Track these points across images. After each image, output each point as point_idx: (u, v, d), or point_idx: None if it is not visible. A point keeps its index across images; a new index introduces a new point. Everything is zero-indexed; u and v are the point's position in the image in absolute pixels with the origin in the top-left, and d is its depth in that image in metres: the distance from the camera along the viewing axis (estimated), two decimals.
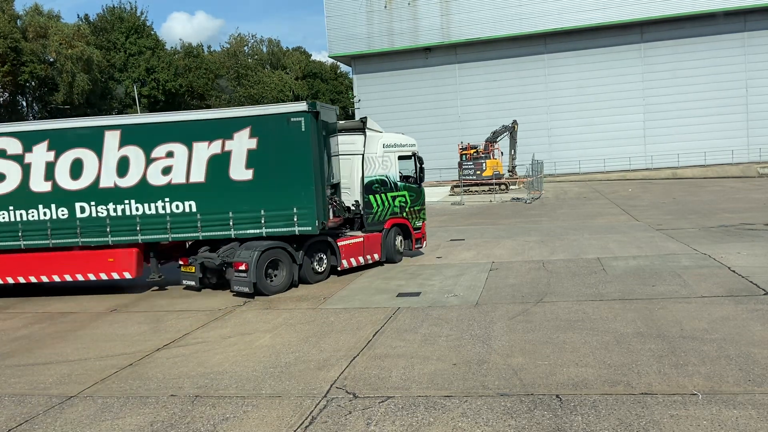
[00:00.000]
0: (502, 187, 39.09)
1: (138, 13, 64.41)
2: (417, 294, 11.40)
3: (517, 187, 41.86)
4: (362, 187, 14.43)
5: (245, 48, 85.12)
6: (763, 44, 48.07)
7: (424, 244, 16.26)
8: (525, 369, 6.99)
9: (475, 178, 40.58)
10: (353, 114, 56.78)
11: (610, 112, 50.47)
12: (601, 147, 50.22)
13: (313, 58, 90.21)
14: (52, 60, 50.47)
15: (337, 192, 13.96)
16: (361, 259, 14.23)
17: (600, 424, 5.48)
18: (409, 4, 53.51)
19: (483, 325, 8.90)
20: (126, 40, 62.06)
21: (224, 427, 5.96)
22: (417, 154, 15.69)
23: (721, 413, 5.57)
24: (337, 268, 13.63)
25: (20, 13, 51.21)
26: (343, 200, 14.26)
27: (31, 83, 52.39)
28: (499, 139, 44.13)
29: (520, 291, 11.07)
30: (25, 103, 57.12)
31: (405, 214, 15.35)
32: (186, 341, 9.15)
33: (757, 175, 43.98)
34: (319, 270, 13.38)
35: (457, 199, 35.82)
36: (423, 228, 16.12)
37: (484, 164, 40.76)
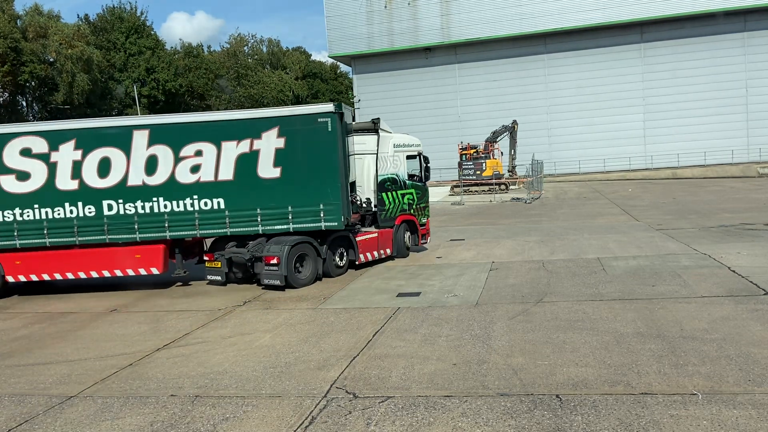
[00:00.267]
0: (502, 187, 39.10)
1: (138, 13, 64.46)
2: (417, 294, 11.41)
3: (517, 187, 41.87)
4: (376, 185, 14.95)
5: (245, 48, 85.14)
6: (763, 44, 48.09)
7: (428, 240, 17.05)
8: (525, 369, 6.99)
9: (475, 178, 40.59)
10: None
11: (610, 112, 50.48)
12: (601, 147, 50.23)
13: (313, 58, 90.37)
14: (52, 60, 50.47)
15: (354, 190, 14.38)
16: (376, 254, 14.85)
17: (600, 424, 5.48)
18: (409, 4, 53.51)
19: (483, 325, 8.90)
20: (126, 40, 62.06)
21: (224, 427, 5.96)
22: (422, 154, 16.41)
23: (721, 413, 5.57)
24: (355, 263, 14.20)
25: (20, 13, 51.21)
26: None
27: (31, 83, 52.38)
28: (499, 139, 44.14)
29: (520, 291, 11.07)
30: (25, 103, 57.11)
31: (412, 211, 16.07)
32: (186, 341, 9.15)
33: (757, 175, 44.00)
34: (340, 264, 13.94)
35: (457, 199, 35.82)
36: (427, 224, 16.92)
37: (484, 164, 40.77)
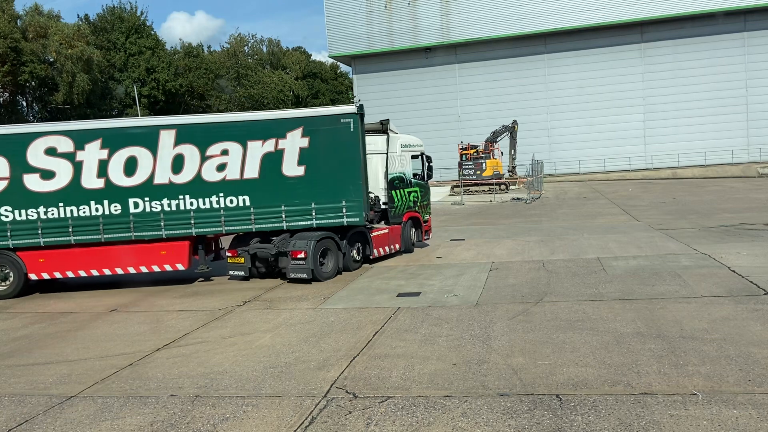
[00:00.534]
0: (502, 187, 39.11)
1: (138, 13, 64.39)
2: (417, 294, 11.41)
3: (517, 187, 41.88)
4: (386, 184, 15.51)
5: (245, 48, 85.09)
6: (763, 44, 48.10)
7: (430, 236, 17.95)
8: (525, 369, 6.99)
9: (475, 178, 40.61)
10: None
11: (610, 112, 50.49)
12: (601, 147, 50.24)
13: (313, 58, 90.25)
14: (52, 60, 50.45)
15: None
16: (387, 249, 15.58)
17: (600, 424, 5.48)
18: (409, 4, 53.53)
19: (483, 325, 8.90)
20: (126, 40, 62.02)
21: (224, 427, 5.96)
22: (424, 153, 17.10)
23: (721, 413, 5.57)
24: (370, 257, 14.93)
25: (20, 13, 51.17)
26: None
27: (31, 83, 52.35)
28: (499, 139, 44.16)
29: (520, 291, 11.07)
30: (25, 103, 57.10)
31: (417, 208, 16.83)
32: (186, 341, 9.15)
33: (757, 175, 44.01)
34: (357, 258, 14.60)
35: (457, 199, 35.83)
36: (429, 221, 17.78)
37: (484, 164, 40.79)
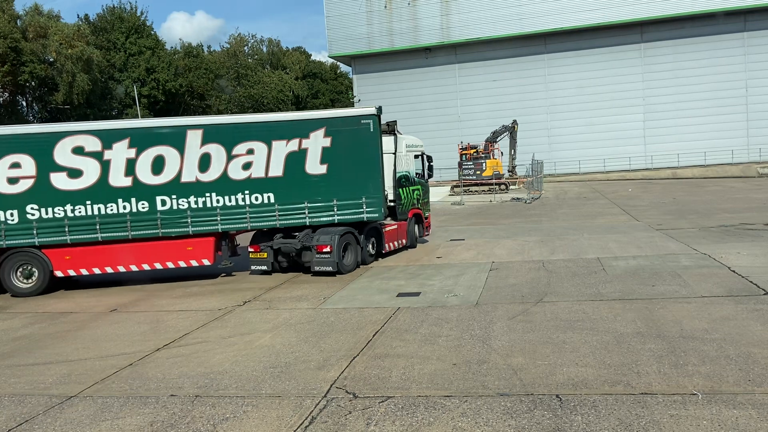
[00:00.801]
0: (502, 187, 39.12)
1: (138, 13, 64.35)
2: (417, 294, 11.41)
3: (517, 187, 41.90)
4: (394, 182, 16.04)
5: (245, 48, 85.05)
6: (763, 44, 48.12)
7: (429, 232, 18.83)
8: (525, 369, 6.99)
9: (475, 178, 40.61)
10: None
11: (610, 112, 50.51)
12: (601, 147, 50.26)
13: (313, 58, 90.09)
14: (52, 60, 50.42)
15: None
16: (396, 244, 16.38)
17: (600, 424, 5.48)
18: (409, 4, 53.54)
19: (483, 325, 8.90)
20: (126, 40, 61.97)
21: (224, 427, 5.96)
22: (425, 153, 17.94)
23: (721, 413, 5.57)
24: (382, 251, 15.72)
25: (20, 13, 51.14)
26: None
27: (31, 83, 52.31)
28: (499, 139, 44.16)
29: (520, 291, 11.07)
30: (24, 103, 57.10)
31: (419, 205, 17.70)
32: (186, 341, 9.15)
33: (757, 175, 44.02)
34: (372, 252, 15.39)
35: (457, 199, 35.83)
36: (429, 218, 18.70)
37: (484, 164, 40.80)
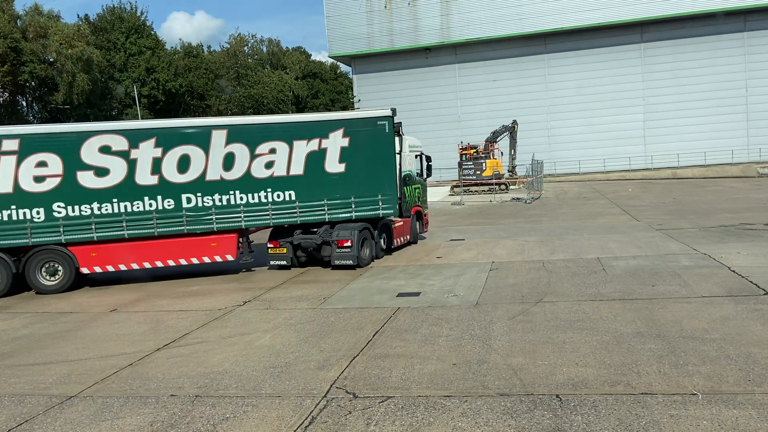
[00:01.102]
0: (502, 187, 39.12)
1: (138, 13, 64.34)
2: (417, 294, 11.41)
3: (517, 187, 41.90)
4: (399, 180, 16.42)
5: (245, 48, 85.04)
6: (763, 44, 48.12)
7: (427, 229, 19.71)
8: (525, 369, 6.99)
9: (475, 178, 40.61)
10: None
11: (610, 112, 50.52)
12: (601, 147, 50.27)
13: (313, 58, 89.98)
14: (52, 60, 50.41)
15: None
16: (402, 239, 17.15)
17: (600, 424, 5.48)
18: (409, 4, 53.54)
19: (483, 325, 8.90)
20: (126, 40, 61.95)
21: (224, 427, 5.96)
22: (423, 154, 18.68)
23: (721, 413, 5.57)
24: (391, 246, 16.47)
25: (20, 13, 51.13)
26: None
27: (31, 83, 52.29)
28: (499, 139, 44.15)
29: (520, 291, 11.07)
30: (24, 103, 57.10)
31: (420, 203, 18.40)
32: (186, 341, 9.15)
33: (757, 175, 44.03)
34: (384, 247, 16.12)
35: (457, 199, 35.83)
36: (427, 215, 19.53)
37: (484, 164, 40.79)
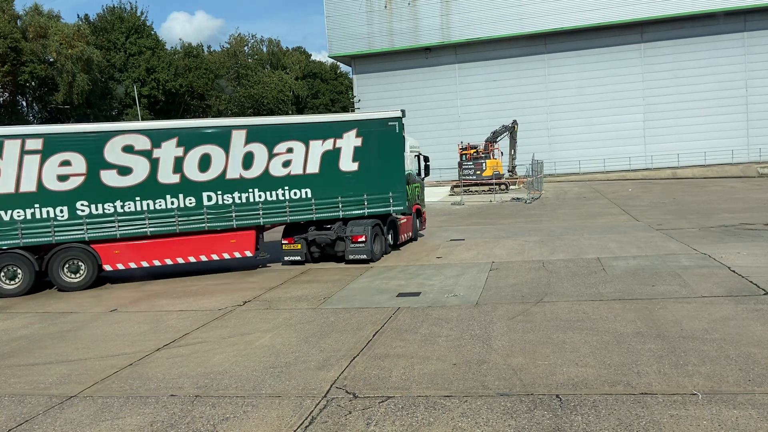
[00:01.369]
0: (502, 187, 39.12)
1: (138, 13, 64.35)
2: (417, 294, 11.41)
3: (517, 187, 41.90)
4: (403, 179, 17.00)
5: (245, 48, 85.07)
6: (763, 44, 48.10)
7: (425, 226, 20.52)
8: (525, 369, 6.99)
9: (475, 178, 40.61)
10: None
11: (610, 112, 50.50)
12: (601, 147, 50.25)
13: (313, 58, 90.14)
14: (52, 60, 50.41)
15: None
16: (406, 236, 17.93)
17: (600, 424, 5.48)
18: (409, 4, 53.53)
19: (483, 325, 8.90)
20: (126, 40, 61.98)
21: (224, 427, 5.96)
22: (421, 154, 19.45)
23: (721, 413, 5.57)
24: (397, 242, 17.24)
25: (20, 13, 51.13)
26: None
27: (31, 83, 52.32)
28: (499, 139, 44.15)
29: (520, 291, 11.07)
30: (25, 103, 57.10)
31: (419, 201, 19.13)
32: (186, 341, 9.15)
33: (757, 175, 44.01)
34: (390, 243, 16.77)
35: (457, 199, 35.83)
36: (424, 214, 20.45)
37: (484, 164, 40.79)
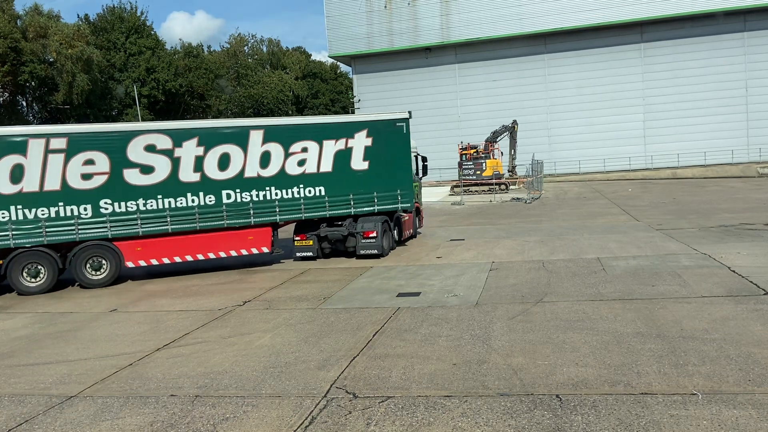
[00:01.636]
0: (502, 187, 39.10)
1: (138, 13, 64.34)
2: (417, 294, 11.41)
3: (517, 187, 41.88)
4: (410, 177, 17.58)
5: (245, 48, 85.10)
6: (763, 44, 48.07)
7: (422, 224, 21.18)
8: (525, 369, 6.99)
9: (475, 178, 40.59)
10: (354, 114, 56.74)
11: (610, 112, 50.46)
12: (601, 147, 50.22)
13: (313, 58, 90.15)
14: (52, 60, 50.41)
15: None
16: (408, 232, 18.54)
17: (600, 424, 5.48)
18: (409, 4, 53.50)
19: (483, 325, 8.90)
20: (126, 40, 61.97)
21: (224, 427, 5.96)
22: (420, 154, 19.84)
23: (721, 413, 5.57)
24: (401, 238, 17.79)
25: (20, 13, 51.13)
26: None
27: (31, 83, 52.33)
28: (499, 139, 44.13)
29: (520, 291, 11.07)
30: (25, 103, 57.10)
31: (418, 200, 19.62)
32: (186, 341, 9.15)
33: (757, 175, 43.99)
34: (396, 238, 17.40)
35: (457, 199, 35.82)
36: (422, 212, 21.14)
37: (484, 164, 40.76)
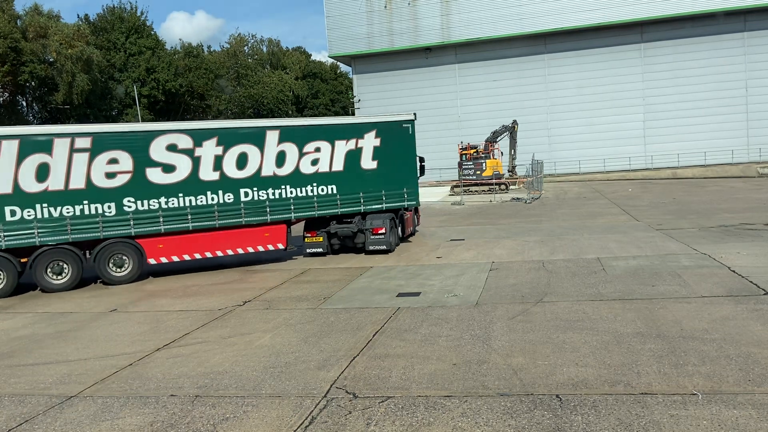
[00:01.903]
0: (502, 187, 39.08)
1: (138, 13, 64.35)
2: (417, 294, 11.41)
3: (517, 187, 41.87)
4: (416, 176, 18.18)
5: (245, 48, 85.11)
6: (763, 44, 48.05)
7: (419, 222, 21.52)
8: (525, 369, 6.99)
9: (475, 178, 40.57)
10: (353, 114, 56.74)
11: (610, 112, 50.43)
12: (601, 147, 50.21)
13: (313, 58, 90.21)
14: (52, 60, 50.41)
15: None
16: (410, 229, 19.07)
17: (600, 424, 5.48)
18: (409, 4, 53.49)
19: (483, 325, 8.90)
20: (126, 40, 61.97)
21: (224, 427, 5.96)
22: (417, 155, 19.67)
23: (721, 413, 5.57)
24: (404, 235, 18.41)
25: (20, 13, 51.14)
26: None
27: (31, 83, 52.33)
28: (499, 139, 44.11)
29: (520, 291, 11.07)
30: (24, 103, 57.11)
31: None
32: (186, 341, 9.15)
33: (757, 175, 43.97)
34: (400, 235, 18.12)
35: (457, 199, 35.82)
36: (419, 211, 21.40)
37: (484, 164, 40.74)
